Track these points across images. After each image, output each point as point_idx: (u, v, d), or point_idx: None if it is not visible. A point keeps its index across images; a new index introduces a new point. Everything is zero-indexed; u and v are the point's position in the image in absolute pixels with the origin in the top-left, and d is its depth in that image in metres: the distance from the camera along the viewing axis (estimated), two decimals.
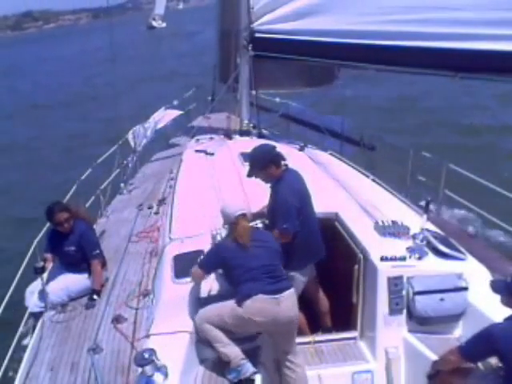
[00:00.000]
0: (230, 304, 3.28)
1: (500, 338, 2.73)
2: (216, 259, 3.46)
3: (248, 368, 3.22)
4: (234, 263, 3.33)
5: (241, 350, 3.31)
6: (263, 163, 3.74)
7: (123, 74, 21.49)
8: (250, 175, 3.89)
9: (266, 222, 3.99)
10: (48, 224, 4.86)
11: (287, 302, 3.25)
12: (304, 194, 3.84)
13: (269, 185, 3.91)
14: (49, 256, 4.54)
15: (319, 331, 4.16)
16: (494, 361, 2.99)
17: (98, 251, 4.51)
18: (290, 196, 3.67)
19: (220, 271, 3.71)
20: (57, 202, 4.64)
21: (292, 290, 3.32)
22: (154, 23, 74.49)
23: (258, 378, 3.28)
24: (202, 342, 3.44)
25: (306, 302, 4.00)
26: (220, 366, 3.40)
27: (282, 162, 3.80)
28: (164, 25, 73.66)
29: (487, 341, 2.79)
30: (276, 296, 3.20)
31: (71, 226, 4.44)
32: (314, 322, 4.19)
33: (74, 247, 4.43)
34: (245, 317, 3.20)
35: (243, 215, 3.46)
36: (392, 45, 5.30)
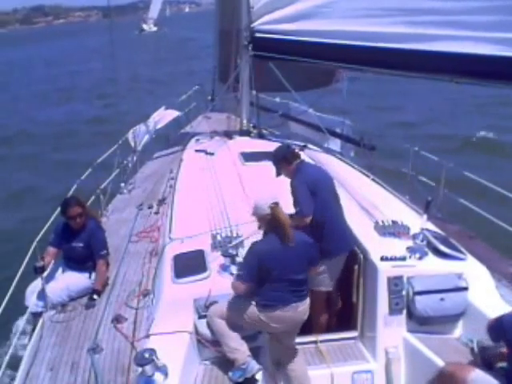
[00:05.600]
0: (249, 303, 3.28)
1: (509, 328, 2.85)
2: (254, 262, 3.25)
3: (253, 366, 3.23)
4: (269, 266, 3.20)
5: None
6: (275, 161, 4.12)
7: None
8: (276, 175, 4.17)
9: None
10: (49, 222, 4.86)
11: (304, 306, 3.31)
12: (320, 182, 3.94)
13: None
14: (52, 250, 4.48)
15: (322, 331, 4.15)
16: (496, 361, 3.01)
17: (105, 251, 4.53)
18: (299, 183, 3.85)
19: (218, 269, 3.71)
20: (74, 196, 4.75)
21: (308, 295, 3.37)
22: (145, 26, 68.37)
23: (259, 377, 3.28)
24: (202, 341, 3.44)
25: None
26: (220, 365, 3.40)
27: (296, 159, 4.03)
28: (155, 29, 70.41)
29: (499, 330, 2.93)
30: (297, 303, 3.26)
31: (82, 223, 4.46)
32: (317, 321, 4.18)
33: (83, 244, 4.44)
34: (263, 320, 3.26)
35: (276, 203, 3.27)
36: (392, 47, 5.28)
